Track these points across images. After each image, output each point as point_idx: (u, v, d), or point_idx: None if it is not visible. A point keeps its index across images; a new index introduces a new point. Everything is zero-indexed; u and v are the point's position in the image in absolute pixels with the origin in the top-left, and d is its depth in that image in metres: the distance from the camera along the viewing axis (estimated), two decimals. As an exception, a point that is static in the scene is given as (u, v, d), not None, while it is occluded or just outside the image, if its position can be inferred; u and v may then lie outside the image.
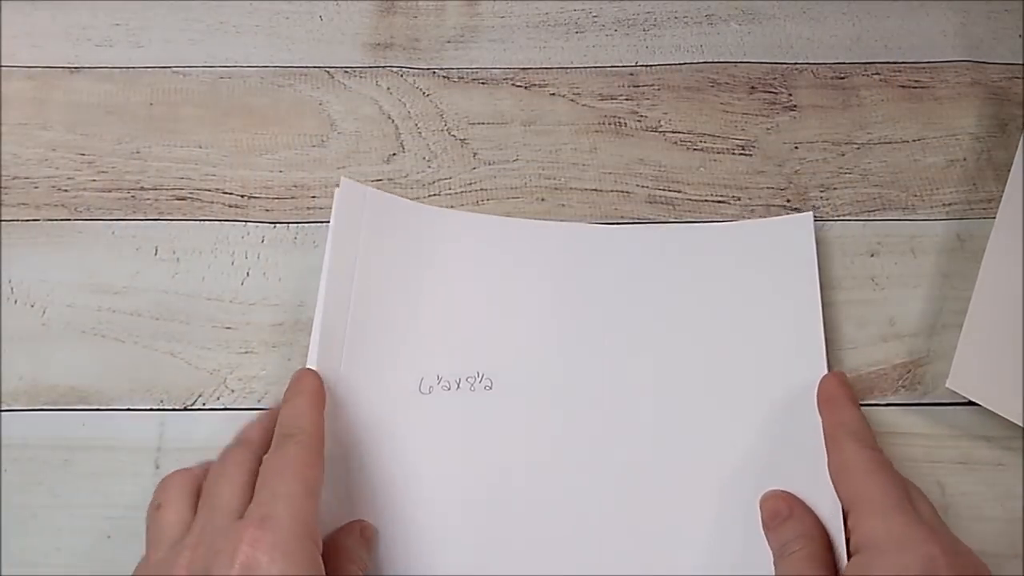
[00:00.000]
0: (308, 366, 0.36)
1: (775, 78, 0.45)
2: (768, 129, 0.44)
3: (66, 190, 0.42)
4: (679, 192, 0.43)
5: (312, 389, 0.35)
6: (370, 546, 0.34)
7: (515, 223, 0.41)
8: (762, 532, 0.35)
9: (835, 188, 0.43)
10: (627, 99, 0.44)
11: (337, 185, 0.40)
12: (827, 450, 0.35)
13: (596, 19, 0.46)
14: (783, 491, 0.35)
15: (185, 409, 0.39)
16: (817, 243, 0.40)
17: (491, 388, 0.37)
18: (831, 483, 0.34)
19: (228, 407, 0.39)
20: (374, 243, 0.39)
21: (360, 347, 0.37)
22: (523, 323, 0.39)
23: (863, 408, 0.37)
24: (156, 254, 0.41)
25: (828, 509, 0.34)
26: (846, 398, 0.36)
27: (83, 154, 0.43)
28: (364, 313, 0.38)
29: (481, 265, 0.40)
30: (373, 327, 0.38)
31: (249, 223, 0.42)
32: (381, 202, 0.40)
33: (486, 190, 0.43)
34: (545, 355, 0.38)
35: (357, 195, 0.40)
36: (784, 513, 0.34)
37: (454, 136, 0.44)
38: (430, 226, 0.40)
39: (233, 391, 0.39)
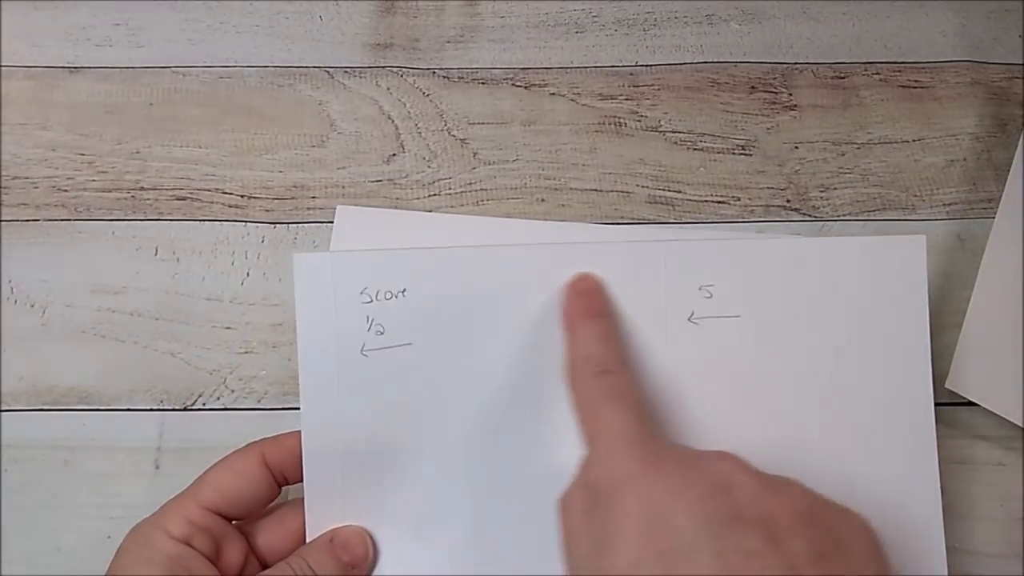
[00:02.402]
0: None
1: (775, 78, 0.45)
2: (768, 129, 0.44)
3: (66, 190, 0.42)
4: (679, 192, 0.43)
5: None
6: (340, 559, 0.33)
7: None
8: None
9: (835, 188, 0.43)
10: (627, 99, 0.44)
11: (338, 201, 0.39)
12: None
13: (596, 19, 0.46)
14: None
15: (185, 409, 0.39)
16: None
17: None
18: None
19: (228, 407, 0.39)
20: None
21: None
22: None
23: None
24: (156, 254, 0.41)
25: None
26: (582, 315, 0.33)
27: (83, 154, 0.43)
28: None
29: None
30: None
31: (249, 223, 0.42)
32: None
33: (486, 190, 0.43)
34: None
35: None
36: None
37: (454, 136, 0.44)
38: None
39: (233, 391, 0.39)
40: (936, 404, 0.38)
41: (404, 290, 0.35)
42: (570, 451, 0.34)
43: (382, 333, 0.35)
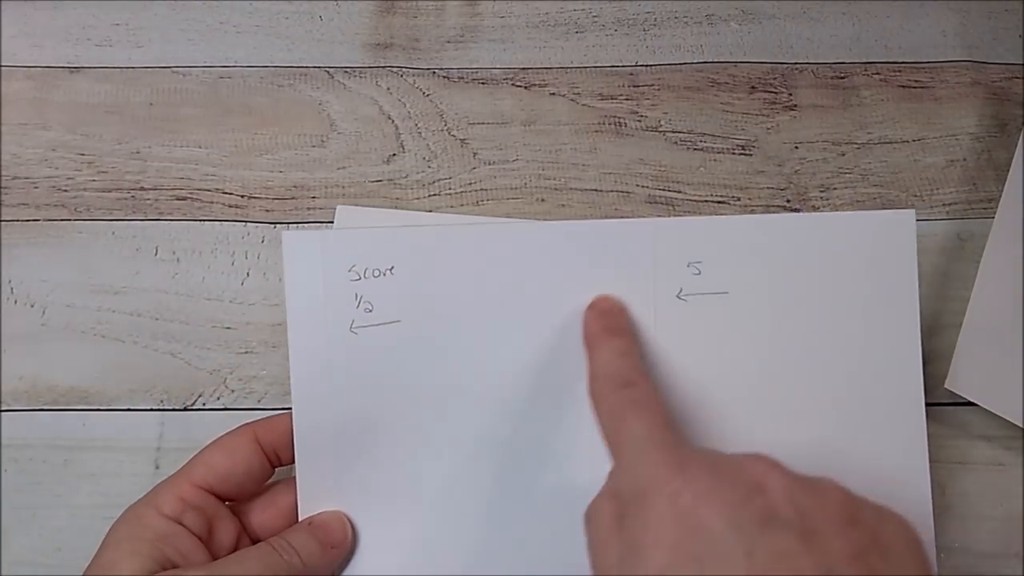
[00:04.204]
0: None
1: (775, 78, 0.45)
2: (768, 129, 0.44)
3: (66, 190, 0.42)
4: (679, 192, 0.43)
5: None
6: (320, 541, 0.33)
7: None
8: None
9: (835, 188, 0.43)
10: (627, 99, 0.44)
11: (337, 200, 0.39)
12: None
13: (596, 19, 0.46)
14: None
15: (185, 409, 0.39)
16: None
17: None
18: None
19: (228, 407, 0.39)
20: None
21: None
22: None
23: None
24: (156, 254, 0.41)
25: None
26: (602, 333, 0.33)
27: (83, 154, 0.43)
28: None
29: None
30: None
31: (249, 223, 0.42)
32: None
33: (486, 190, 0.43)
34: None
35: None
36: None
37: (454, 136, 0.44)
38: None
39: (233, 391, 0.39)
40: (936, 404, 0.39)
41: (392, 268, 0.35)
42: (563, 431, 0.34)
43: (370, 310, 0.35)
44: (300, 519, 0.34)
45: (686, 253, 0.35)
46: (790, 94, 0.45)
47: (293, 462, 0.34)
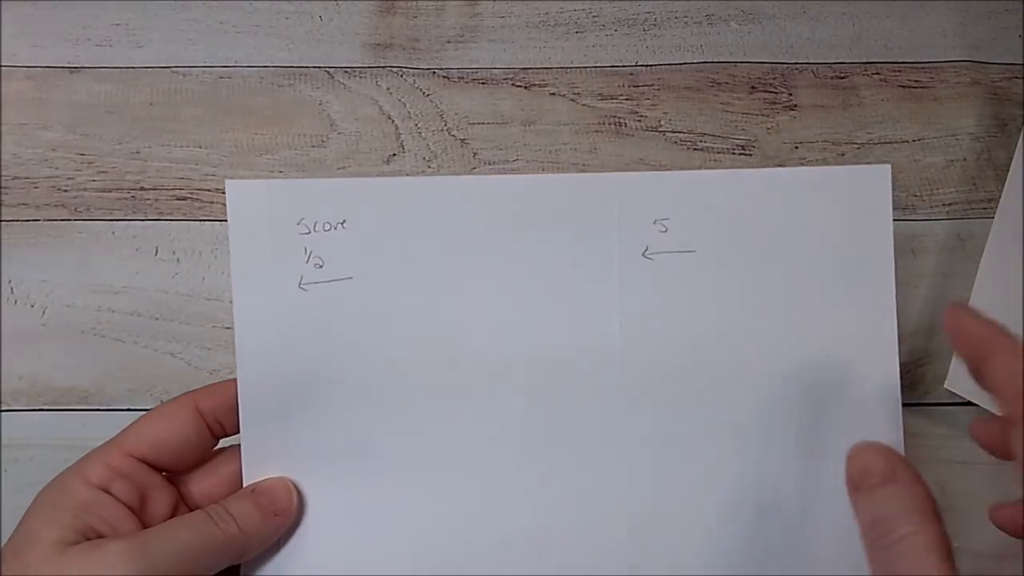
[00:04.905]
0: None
1: (775, 78, 0.45)
2: (768, 129, 0.44)
3: (66, 190, 0.42)
4: (679, 192, 0.43)
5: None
6: (263, 508, 0.32)
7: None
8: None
9: (835, 188, 0.43)
10: (627, 99, 0.44)
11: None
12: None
13: (596, 19, 0.46)
14: (881, 444, 0.27)
15: (185, 409, 0.39)
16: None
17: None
18: None
19: (228, 407, 0.39)
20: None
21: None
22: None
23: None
24: (156, 254, 0.41)
25: None
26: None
27: (83, 154, 0.43)
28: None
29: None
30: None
31: (249, 223, 0.42)
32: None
33: (486, 190, 0.43)
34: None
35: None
36: (882, 473, 0.26)
37: (454, 136, 0.44)
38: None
39: (233, 391, 0.39)
40: (936, 404, 0.39)
41: (344, 221, 0.33)
42: (524, 390, 0.33)
43: (321, 266, 0.33)
44: (244, 486, 0.33)
45: (652, 209, 0.34)
46: (790, 94, 0.45)
47: (239, 431, 0.33)
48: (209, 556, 0.30)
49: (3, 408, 0.39)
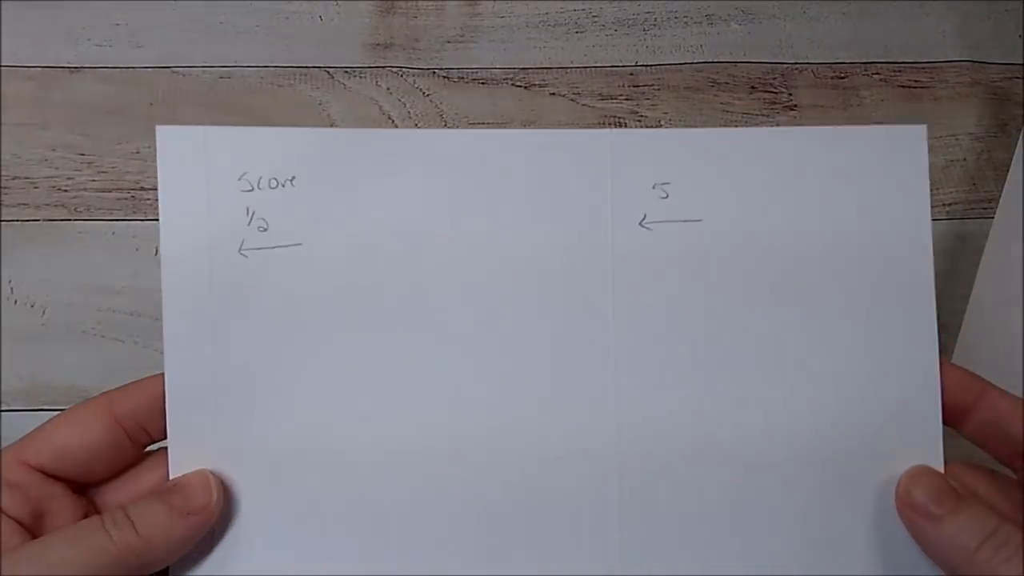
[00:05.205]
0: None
1: (775, 78, 0.45)
2: (768, 129, 0.44)
3: (66, 190, 0.42)
4: (679, 192, 0.43)
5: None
6: (175, 508, 0.27)
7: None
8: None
9: (835, 188, 0.43)
10: (627, 99, 0.44)
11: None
12: None
13: (596, 19, 0.46)
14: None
15: (185, 409, 0.39)
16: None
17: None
18: None
19: (228, 407, 0.39)
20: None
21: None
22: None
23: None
24: (156, 254, 0.41)
25: None
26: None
27: (83, 154, 0.43)
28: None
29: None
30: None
31: (249, 223, 0.42)
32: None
33: (486, 190, 0.43)
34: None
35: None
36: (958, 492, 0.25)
37: (454, 136, 0.44)
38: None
39: (233, 391, 0.39)
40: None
41: (293, 178, 0.29)
42: (497, 369, 0.29)
43: (265, 229, 0.29)
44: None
45: (652, 172, 0.29)
46: (790, 94, 0.45)
47: (166, 436, 0.29)
48: (98, 571, 0.26)
49: (3, 408, 0.39)
